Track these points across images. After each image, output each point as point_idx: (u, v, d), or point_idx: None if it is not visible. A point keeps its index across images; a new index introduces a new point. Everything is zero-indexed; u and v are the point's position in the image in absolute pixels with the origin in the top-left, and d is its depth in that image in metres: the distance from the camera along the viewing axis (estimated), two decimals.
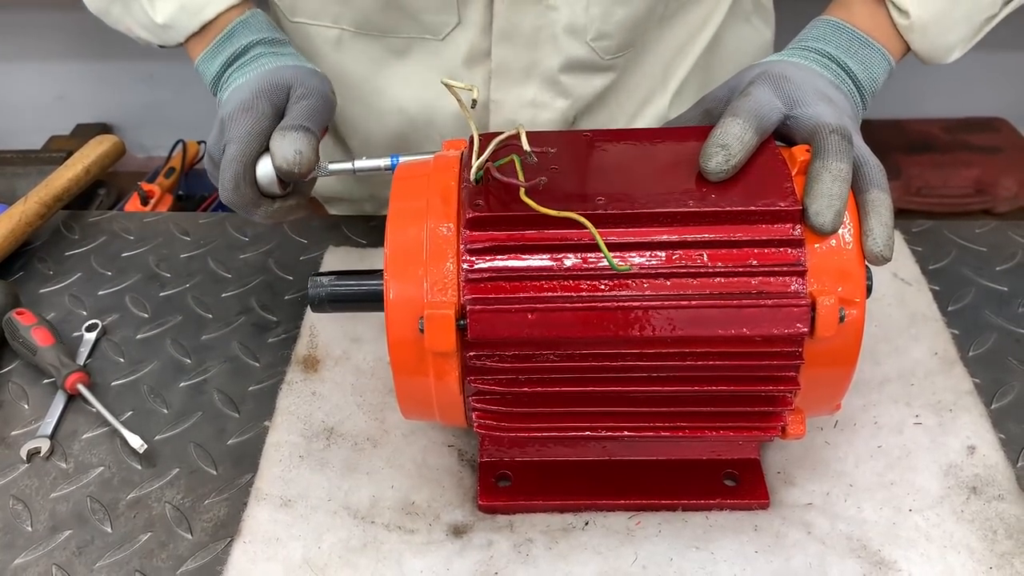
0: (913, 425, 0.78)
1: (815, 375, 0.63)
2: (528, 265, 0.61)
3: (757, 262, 0.60)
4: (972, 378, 0.82)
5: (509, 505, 0.72)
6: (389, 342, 0.63)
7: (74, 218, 1.07)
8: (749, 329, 0.60)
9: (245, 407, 0.82)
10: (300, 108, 0.75)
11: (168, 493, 0.75)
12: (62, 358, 0.84)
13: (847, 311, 0.60)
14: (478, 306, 0.60)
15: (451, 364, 0.62)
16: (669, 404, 0.64)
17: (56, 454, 0.79)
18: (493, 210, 0.61)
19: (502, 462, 0.73)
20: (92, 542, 0.72)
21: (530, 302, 0.60)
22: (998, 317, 0.89)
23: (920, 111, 2.23)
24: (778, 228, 0.61)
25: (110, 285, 0.97)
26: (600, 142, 0.68)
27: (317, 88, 0.77)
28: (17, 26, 2.22)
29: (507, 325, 0.60)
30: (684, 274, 0.60)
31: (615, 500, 0.71)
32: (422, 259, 0.61)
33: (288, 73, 0.78)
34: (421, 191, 0.64)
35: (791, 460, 0.75)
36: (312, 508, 0.72)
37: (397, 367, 0.64)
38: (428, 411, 0.67)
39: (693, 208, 0.60)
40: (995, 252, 0.97)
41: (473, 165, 0.62)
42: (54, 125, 2.29)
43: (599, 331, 0.60)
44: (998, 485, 0.73)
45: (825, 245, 0.61)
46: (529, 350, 0.61)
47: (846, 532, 0.70)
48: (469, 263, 0.61)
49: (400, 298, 0.62)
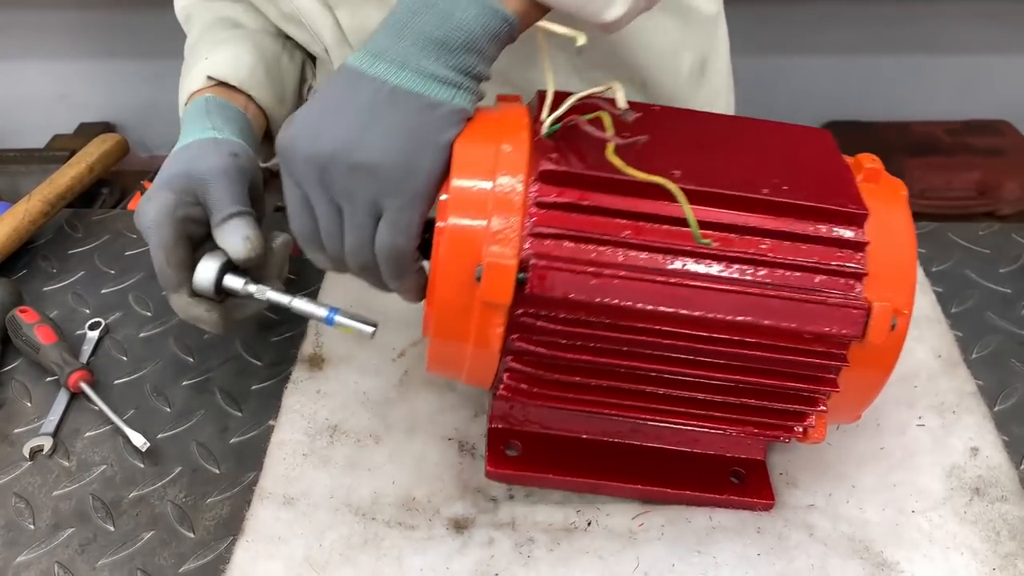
0: (916, 427, 0.78)
1: (851, 379, 0.63)
2: (596, 227, 0.59)
3: (820, 260, 0.61)
4: (975, 380, 0.82)
5: (516, 475, 0.71)
6: (437, 288, 0.60)
7: (77, 216, 1.07)
8: (805, 324, 0.60)
9: (247, 406, 0.82)
10: (219, 194, 0.72)
11: (170, 491, 0.75)
12: (65, 356, 0.84)
13: (898, 320, 0.61)
14: (542, 261, 0.58)
15: (498, 319, 0.60)
16: (705, 391, 0.64)
17: (59, 452, 0.79)
18: (570, 166, 0.59)
19: (511, 431, 0.72)
20: (94, 540, 0.72)
21: (594, 265, 0.59)
22: (1001, 319, 0.89)
23: (924, 113, 2.23)
24: (844, 229, 0.61)
25: (113, 283, 0.97)
26: (675, 118, 0.67)
27: (218, 165, 0.73)
28: (20, 25, 2.22)
29: (568, 285, 0.58)
30: (750, 260, 0.60)
31: (623, 483, 0.71)
32: (487, 207, 0.59)
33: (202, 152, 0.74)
34: (490, 137, 0.61)
35: (794, 461, 0.75)
36: (314, 506, 0.72)
37: (439, 314, 0.61)
38: (457, 365, 0.65)
39: (767, 196, 0.60)
40: (998, 254, 0.97)
41: (548, 119, 0.61)
42: (57, 124, 2.29)
43: (659, 305, 0.59)
44: (1001, 486, 0.73)
45: (884, 253, 0.62)
46: (583, 314, 0.60)
47: (848, 533, 0.70)
48: (536, 217, 0.59)
49: (459, 242, 0.59)
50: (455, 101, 0.61)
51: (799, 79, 2.16)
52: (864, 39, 2.18)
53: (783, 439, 0.68)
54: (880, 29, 2.16)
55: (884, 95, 2.25)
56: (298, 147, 0.61)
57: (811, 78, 2.18)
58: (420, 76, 0.60)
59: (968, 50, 2.19)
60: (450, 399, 0.81)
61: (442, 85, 0.60)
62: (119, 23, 2.19)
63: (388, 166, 0.60)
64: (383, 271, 0.64)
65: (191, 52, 0.88)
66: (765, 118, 0.70)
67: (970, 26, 2.14)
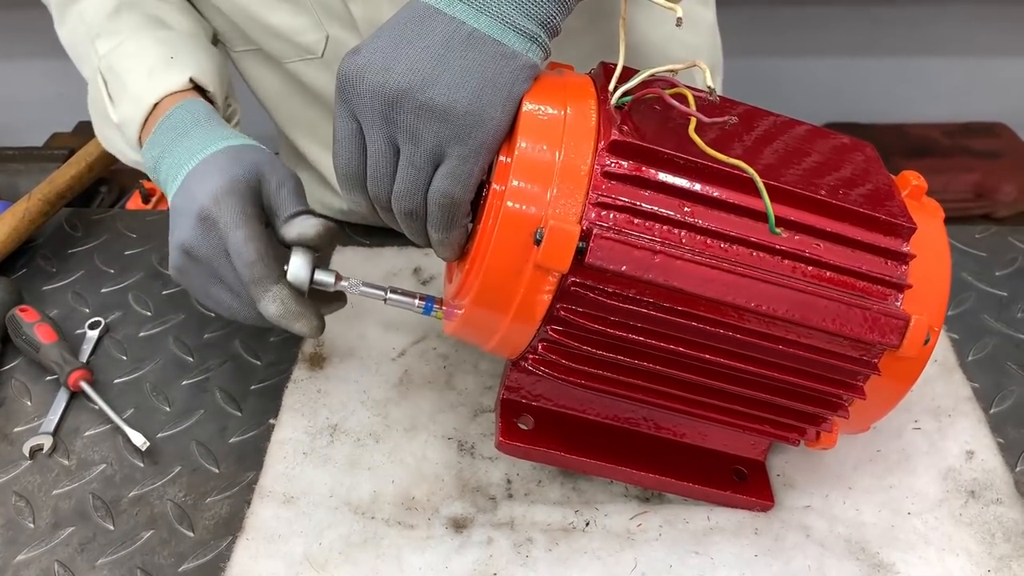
0: (912, 430, 0.78)
1: (876, 389, 0.64)
2: (661, 205, 0.59)
3: (868, 267, 0.61)
4: (971, 383, 0.82)
5: (527, 448, 0.70)
6: (491, 246, 0.58)
7: (77, 216, 1.07)
8: (848, 328, 0.60)
9: (247, 405, 0.82)
10: (287, 194, 0.71)
11: (170, 491, 0.75)
12: (65, 355, 0.84)
13: (931, 336, 0.62)
14: (604, 233, 0.57)
15: (549, 285, 0.59)
16: (738, 384, 0.64)
17: (58, 451, 0.79)
18: (639, 139, 0.58)
19: (523, 404, 0.72)
20: (94, 539, 0.72)
21: (656, 243, 0.58)
22: (998, 322, 0.89)
23: (921, 116, 2.24)
24: (892, 240, 0.62)
25: (113, 283, 0.97)
26: (741, 111, 0.67)
27: (283, 170, 0.72)
28: (18, 23, 2.22)
29: (628, 259, 0.57)
30: (805, 259, 0.61)
31: (630, 468, 0.71)
32: (552, 173, 0.58)
33: (248, 155, 0.72)
34: (558, 100, 0.60)
35: (791, 463, 0.76)
36: (314, 504, 0.73)
37: (488, 275, 0.60)
38: (489, 331, 0.64)
39: (825, 198, 0.61)
40: (995, 257, 0.97)
41: (618, 89, 0.60)
42: (56, 122, 2.28)
43: (713, 291, 0.59)
44: (996, 489, 0.73)
45: (924, 269, 0.63)
46: (634, 291, 0.59)
47: (845, 535, 0.70)
48: (603, 188, 0.58)
49: (522, 203, 0.58)
50: (529, 55, 0.59)
51: (796, 81, 2.17)
52: (861, 41, 2.19)
53: (794, 442, 0.69)
54: (877, 31, 2.17)
55: (881, 97, 2.26)
56: (365, 77, 0.58)
57: (808, 80, 2.18)
58: (499, 23, 0.58)
59: (965, 53, 2.20)
60: (450, 398, 0.82)
61: (519, 35, 0.59)
62: None
63: (460, 111, 0.58)
64: (432, 220, 0.62)
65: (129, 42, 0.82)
66: None
67: (967, 29, 2.14)
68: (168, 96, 0.78)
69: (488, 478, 0.75)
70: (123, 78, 0.80)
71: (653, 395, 0.66)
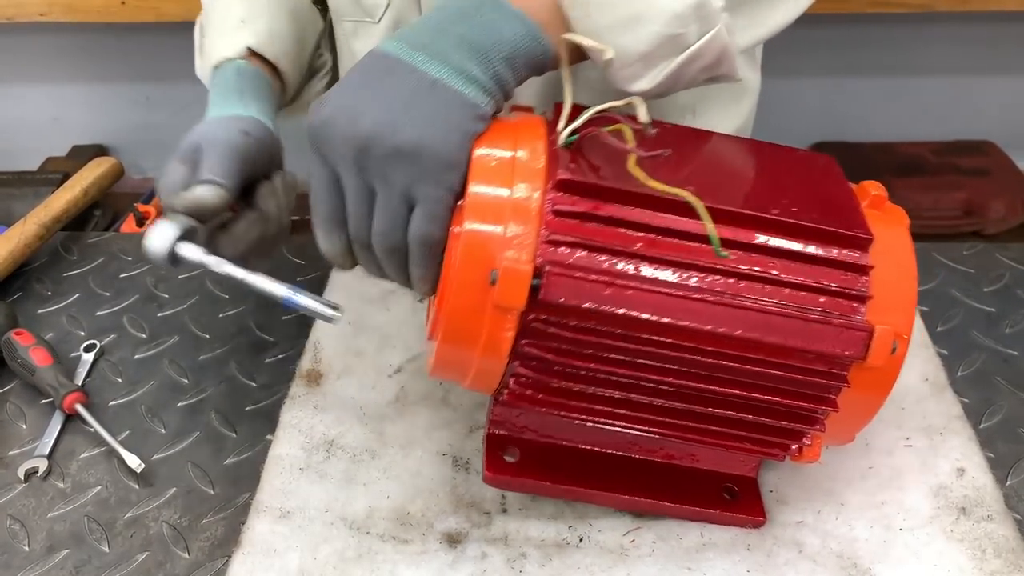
0: (904, 447, 0.79)
1: (850, 401, 0.65)
2: (611, 238, 0.60)
3: (825, 281, 0.62)
4: (961, 399, 0.83)
5: (514, 481, 0.71)
6: (450, 290, 0.61)
7: (72, 239, 1.08)
8: (810, 344, 0.61)
9: (242, 427, 0.83)
10: (208, 164, 0.71)
11: (165, 512, 0.75)
12: (60, 378, 0.84)
13: (898, 344, 0.62)
14: (556, 269, 0.59)
15: (510, 323, 0.60)
16: (708, 405, 0.65)
17: (53, 474, 0.79)
18: (587, 176, 0.60)
19: (509, 438, 0.73)
20: (89, 561, 0.72)
21: (607, 275, 0.59)
22: (986, 338, 0.90)
23: (910, 134, 2.26)
24: (849, 253, 0.62)
25: (108, 306, 0.98)
26: (687, 137, 0.69)
27: (222, 139, 0.73)
28: (13, 48, 2.23)
29: (581, 293, 0.59)
30: (760, 278, 0.61)
31: (619, 494, 0.72)
32: (504, 213, 0.59)
33: (213, 126, 0.74)
34: (508, 144, 0.62)
35: (783, 479, 0.76)
36: (309, 519, 0.73)
37: (450, 316, 0.61)
38: (462, 369, 0.65)
39: (777, 217, 0.61)
40: (983, 273, 0.98)
41: (565, 129, 0.61)
42: (50, 146, 2.30)
43: (668, 317, 0.60)
44: (987, 506, 0.74)
45: (887, 278, 0.63)
46: (593, 322, 0.60)
47: (837, 551, 0.71)
48: (552, 225, 0.60)
49: (476, 247, 0.59)
50: (485, 107, 0.62)
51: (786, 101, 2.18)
52: (850, 61, 2.21)
53: (779, 457, 0.69)
54: (866, 52, 2.19)
55: (870, 116, 2.28)
56: (336, 126, 0.61)
57: (798, 100, 2.20)
58: (461, 75, 0.61)
59: (953, 72, 2.22)
60: (445, 415, 0.82)
61: (478, 88, 0.61)
62: (111, 47, 2.20)
63: (429, 154, 0.60)
64: (414, 258, 0.64)
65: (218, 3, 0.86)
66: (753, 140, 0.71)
67: (955, 48, 2.17)
68: (224, 60, 0.82)
69: (483, 493, 0.75)
70: (205, 31, 0.86)
71: (631, 421, 0.66)
